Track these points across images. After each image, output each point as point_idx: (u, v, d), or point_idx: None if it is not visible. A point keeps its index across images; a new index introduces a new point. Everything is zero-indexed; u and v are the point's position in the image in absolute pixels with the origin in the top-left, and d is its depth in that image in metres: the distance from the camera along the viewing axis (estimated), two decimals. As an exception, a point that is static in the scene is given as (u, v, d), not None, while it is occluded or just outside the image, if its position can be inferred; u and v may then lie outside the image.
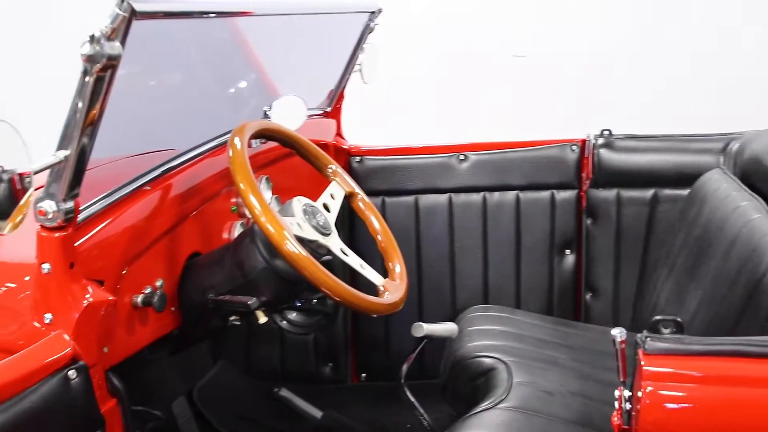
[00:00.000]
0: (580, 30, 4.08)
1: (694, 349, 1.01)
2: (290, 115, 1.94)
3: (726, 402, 0.98)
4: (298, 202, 1.67)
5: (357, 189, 1.91)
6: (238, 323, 1.73)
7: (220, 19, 1.95)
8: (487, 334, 2.22)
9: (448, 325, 1.97)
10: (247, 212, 1.89)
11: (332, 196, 1.82)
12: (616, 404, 1.07)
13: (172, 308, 1.69)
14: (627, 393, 1.06)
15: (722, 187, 2.12)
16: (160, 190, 1.64)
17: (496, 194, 2.57)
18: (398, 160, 2.58)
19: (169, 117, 1.95)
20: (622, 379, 1.07)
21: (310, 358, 2.60)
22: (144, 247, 1.58)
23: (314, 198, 1.76)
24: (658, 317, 1.05)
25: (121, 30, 1.29)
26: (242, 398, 2.38)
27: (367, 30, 2.48)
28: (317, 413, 2.35)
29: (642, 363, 1.01)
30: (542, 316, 2.48)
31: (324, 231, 1.67)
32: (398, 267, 1.82)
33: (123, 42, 1.29)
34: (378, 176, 2.59)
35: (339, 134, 2.64)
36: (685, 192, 2.40)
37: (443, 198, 2.57)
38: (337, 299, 1.56)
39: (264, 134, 1.78)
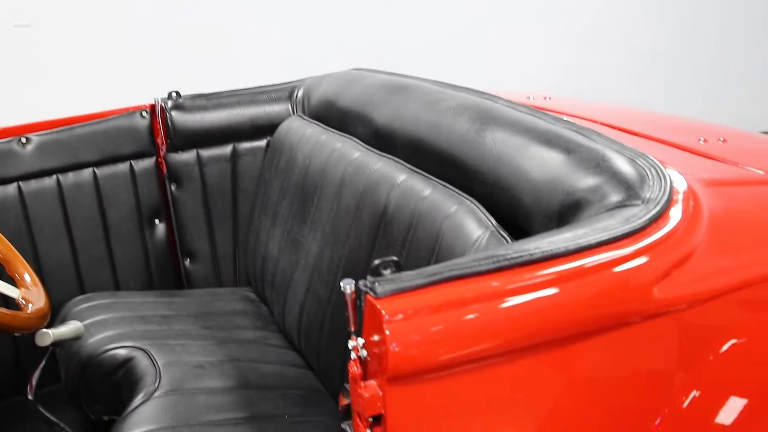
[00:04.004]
0: None
1: (420, 282, 1.06)
2: None
3: (465, 323, 1.06)
4: None
5: None
6: None
7: None
8: (106, 325, 2.07)
9: (74, 324, 1.79)
10: None
11: None
12: (352, 354, 1.09)
13: None
14: (361, 341, 1.08)
15: (308, 132, 2.23)
16: None
17: (71, 174, 2.36)
18: None
19: None
20: (353, 329, 1.09)
21: None
22: None
23: None
24: (377, 261, 1.07)
25: None
26: None
27: None
28: None
29: (378, 307, 1.03)
30: (148, 293, 2.38)
31: None
32: (27, 275, 1.59)
33: None
34: None
35: None
36: (263, 143, 2.47)
37: (11, 189, 2.29)
38: None
39: None
